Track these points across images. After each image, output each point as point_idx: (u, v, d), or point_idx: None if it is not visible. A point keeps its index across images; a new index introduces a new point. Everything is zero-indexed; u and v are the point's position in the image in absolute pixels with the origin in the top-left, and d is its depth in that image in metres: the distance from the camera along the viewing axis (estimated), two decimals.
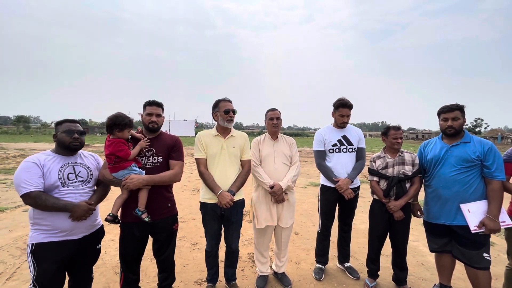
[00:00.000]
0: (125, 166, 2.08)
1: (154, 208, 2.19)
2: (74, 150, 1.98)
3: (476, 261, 2.20)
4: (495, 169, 2.15)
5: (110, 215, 2.09)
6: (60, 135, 1.93)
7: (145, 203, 2.13)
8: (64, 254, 1.85)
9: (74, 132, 1.94)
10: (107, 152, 2.08)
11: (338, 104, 2.80)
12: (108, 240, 3.78)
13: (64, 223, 1.82)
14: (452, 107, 2.28)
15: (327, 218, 2.96)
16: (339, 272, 3.06)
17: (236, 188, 2.39)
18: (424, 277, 2.98)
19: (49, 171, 1.83)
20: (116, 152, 2.05)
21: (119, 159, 2.05)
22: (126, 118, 2.11)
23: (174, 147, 2.29)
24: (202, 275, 2.90)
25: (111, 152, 2.05)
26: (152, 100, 2.27)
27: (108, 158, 2.07)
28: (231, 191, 2.35)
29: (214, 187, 2.34)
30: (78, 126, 2.01)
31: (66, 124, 1.96)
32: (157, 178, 2.14)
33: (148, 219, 2.12)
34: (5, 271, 2.92)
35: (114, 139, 2.09)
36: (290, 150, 2.75)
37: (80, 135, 1.99)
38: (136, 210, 2.11)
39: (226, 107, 2.45)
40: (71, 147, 1.94)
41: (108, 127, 2.11)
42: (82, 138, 2.00)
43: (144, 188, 2.13)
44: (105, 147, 2.12)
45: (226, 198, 2.29)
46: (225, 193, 2.32)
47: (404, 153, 2.58)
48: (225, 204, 2.29)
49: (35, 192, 1.73)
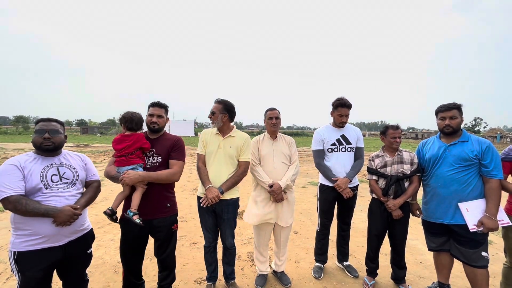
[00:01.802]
0: (133, 163, 2.14)
1: (152, 207, 2.21)
2: (46, 151, 1.83)
3: (474, 260, 2.21)
4: (493, 168, 2.16)
5: (109, 209, 2.10)
6: (33, 136, 1.82)
7: (138, 205, 2.13)
8: (49, 261, 1.75)
9: (45, 132, 1.80)
10: (120, 146, 2.15)
11: (337, 103, 2.80)
12: (108, 240, 3.79)
13: (46, 228, 1.70)
14: (450, 106, 2.29)
15: (326, 217, 2.97)
16: (338, 270, 3.07)
17: (225, 186, 2.40)
18: (423, 275, 3.00)
19: (30, 173, 1.71)
20: (144, 144, 2.19)
21: (140, 151, 2.19)
22: (141, 118, 2.30)
23: (174, 147, 2.31)
24: (202, 274, 2.91)
25: (139, 146, 2.17)
26: (156, 101, 2.32)
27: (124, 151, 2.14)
28: (220, 189, 2.38)
29: (205, 182, 2.42)
30: (52, 124, 1.86)
31: (41, 123, 1.84)
32: (154, 175, 2.16)
33: (139, 221, 2.09)
34: (5, 271, 2.93)
35: (136, 134, 2.22)
36: (289, 149, 2.76)
37: (53, 135, 1.82)
38: (128, 211, 2.12)
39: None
40: (42, 148, 1.80)
41: (128, 122, 2.22)
42: (56, 138, 1.83)
43: (139, 188, 2.14)
44: (118, 141, 2.18)
45: (213, 193, 2.33)
46: (213, 189, 2.36)
47: (402, 152, 2.60)
48: (211, 199, 2.32)
49: (15, 197, 1.62)
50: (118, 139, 2.19)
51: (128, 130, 2.23)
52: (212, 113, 2.49)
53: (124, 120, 2.22)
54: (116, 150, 2.18)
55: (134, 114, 2.25)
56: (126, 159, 2.13)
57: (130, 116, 2.23)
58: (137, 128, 2.25)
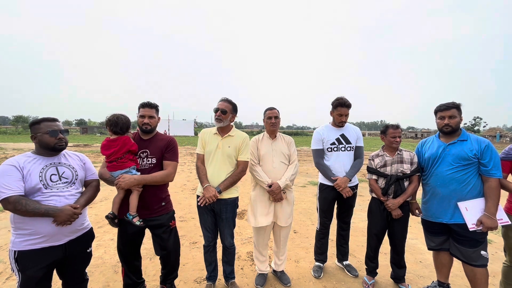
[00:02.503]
0: (125, 167, 2.11)
1: (148, 207, 2.23)
2: (60, 150, 1.89)
3: (474, 259, 2.22)
4: (492, 167, 2.16)
5: (111, 213, 2.13)
6: (42, 136, 1.81)
7: (136, 207, 2.15)
8: (49, 260, 1.76)
9: (58, 132, 1.83)
10: (108, 152, 2.11)
11: (337, 103, 2.80)
12: (108, 240, 3.78)
13: (46, 227, 1.71)
14: (449, 105, 2.29)
15: (326, 217, 2.97)
16: (338, 270, 3.08)
17: (223, 186, 2.40)
18: (422, 274, 3.00)
19: (29, 173, 1.72)
20: (131, 146, 2.14)
21: (129, 154, 2.14)
22: (128, 121, 2.22)
23: (167, 148, 2.31)
24: (202, 274, 2.92)
25: (127, 149, 2.12)
26: (146, 102, 2.28)
27: (112, 156, 2.10)
28: (217, 188, 2.39)
29: (203, 181, 2.43)
30: (59, 124, 1.89)
31: (46, 123, 1.84)
32: (149, 178, 2.16)
33: (139, 223, 2.14)
34: (5, 271, 2.92)
35: (122, 137, 2.16)
36: (289, 149, 2.76)
37: (65, 134, 1.89)
38: (127, 215, 2.14)
39: (217, 106, 2.50)
40: (56, 148, 1.84)
41: (113, 126, 2.15)
42: (66, 138, 1.90)
43: (135, 191, 2.15)
44: (105, 146, 2.14)
45: (210, 192, 2.34)
46: (210, 188, 2.37)
47: (402, 152, 2.60)
48: (208, 198, 2.33)
49: (14, 197, 1.63)
50: (105, 145, 2.15)
51: (113, 134, 2.17)
52: (224, 112, 2.46)
53: (110, 123, 2.16)
54: (105, 156, 2.15)
55: (119, 117, 2.17)
56: (117, 163, 2.11)
57: (115, 119, 2.15)
58: (123, 132, 2.18)
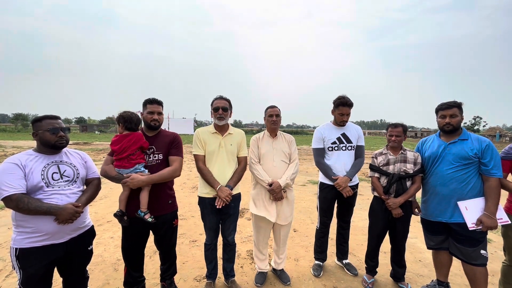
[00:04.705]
0: (136, 163, 2.13)
1: (156, 204, 2.23)
2: (60, 148, 1.89)
3: (473, 258, 2.22)
4: (492, 166, 2.16)
5: (119, 211, 2.14)
6: (44, 134, 1.82)
7: (147, 204, 2.16)
8: (51, 258, 1.76)
9: (59, 130, 1.84)
10: (119, 147, 2.12)
11: (338, 102, 2.78)
12: (107, 238, 3.79)
13: (48, 226, 1.71)
14: (450, 104, 2.29)
15: (326, 216, 2.97)
16: (338, 268, 3.08)
17: (233, 183, 2.44)
18: (422, 273, 3.01)
19: (31, 172, 1.72)
20: (144, 143, 2.17)
21: (140, 151, 2.16)
22: (139, 118, 2.27)
23: (173, 143, 2.31)
24: (202, 272, 2.92)
25: (139, 145, 2.14)
26: (153, 98, 2.28)
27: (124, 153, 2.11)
28: (229, 186, 2.40)
29: (214, 183, 2.39)
30: (61, 122, 1.90)
31: (47, 121, 1.84)
32: (156, 177, 2.16)
33: (151, 220, 2.16)
34: (5, 268, 2.93)
35: (135, 133, 2.18)
36: (289, 147, 2.75)
37: (66, 132, 1.89)
38: (139, 212, 2.14)
39: (216, 104, 2.49)
40: (57, 146, 1.85)
41: (127, 122, 2.18)
42: (67, 135, 1.91)
43: (145, 188, 2.16)
44: (116, 142, 2.16)
45: (225, 192, 2.35)
46: (224, 188, 2.37)
47: (406, 152, 2.58)
48: (225, 198, 2.33)
49: (17, 195, 1.63)
50: (117, 140, 2.16)
51: (126, 129, 2.19)
52: (225, 109, 2.46)
53: (123, 119, 2.18)
54: (115, 151, 2.15)
55: (133, 113, 2.23)
56: (128, 160, 2.11)
57: (129, 115, 2.20)
58: (136, 128, 2.23)
